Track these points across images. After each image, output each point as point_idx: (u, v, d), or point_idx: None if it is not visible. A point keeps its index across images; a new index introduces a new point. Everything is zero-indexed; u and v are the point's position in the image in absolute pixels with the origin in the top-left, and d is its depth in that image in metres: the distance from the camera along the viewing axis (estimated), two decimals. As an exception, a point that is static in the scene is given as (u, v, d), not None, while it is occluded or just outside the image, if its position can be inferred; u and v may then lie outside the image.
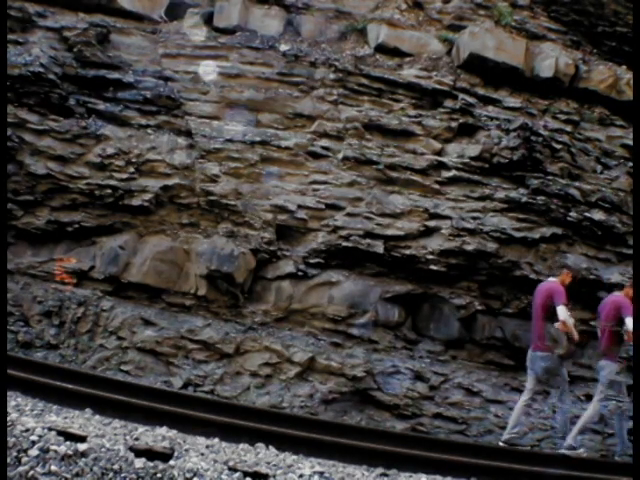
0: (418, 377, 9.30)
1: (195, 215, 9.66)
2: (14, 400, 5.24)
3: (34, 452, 3.92)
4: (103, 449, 4.10)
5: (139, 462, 4.08)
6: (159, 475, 4.03)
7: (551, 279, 8.50)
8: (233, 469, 4.41)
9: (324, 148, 10.00)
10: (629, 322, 7.94)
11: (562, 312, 7.89)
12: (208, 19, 10.73)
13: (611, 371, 8.08)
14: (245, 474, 4.36)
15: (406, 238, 9.68)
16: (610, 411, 8.13)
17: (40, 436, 4.05)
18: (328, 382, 9.05)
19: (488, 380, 9.34)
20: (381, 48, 10.59)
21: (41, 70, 9.48)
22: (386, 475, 5.38)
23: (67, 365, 8.31)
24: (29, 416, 4.79)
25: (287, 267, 9.61)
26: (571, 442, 7.82)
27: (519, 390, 8.95)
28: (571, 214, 9.96)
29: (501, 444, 7.80)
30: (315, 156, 9.99)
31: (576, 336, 8.05)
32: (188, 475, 4.13)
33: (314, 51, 10.46)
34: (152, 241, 9.51)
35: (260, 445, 5.49)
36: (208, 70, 10.11)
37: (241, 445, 5.39)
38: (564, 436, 7.98)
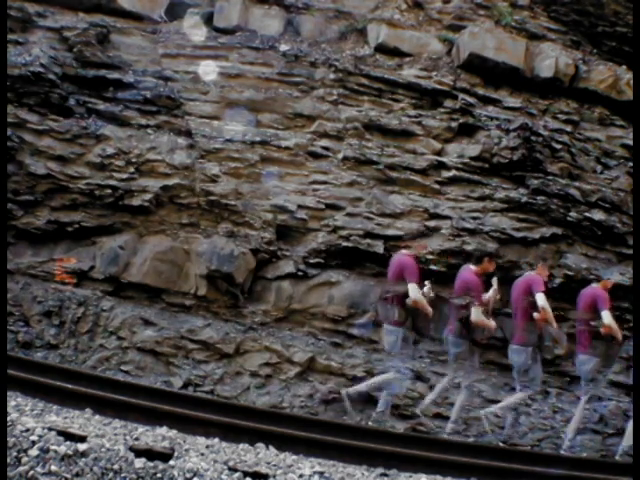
0: (418, 377, 9.28)
1: (195, 215, 9.66)
2: (14, 400, 5.23)
3: (34, 452, 3.91)
4: (103, 449, 4.10)
5: (139, 462, 4.07)
6: (159, 475, 4.03)
7: (594, 285, 8.52)
8: (233, 469, 4.41)
9: (324, 148, 10.00)
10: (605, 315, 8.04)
11: (607, 317, 7.94)
12: (208, 19, 10.75)
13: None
14: (245, 474, 4.35)
15: (406, 238, 9.67)
16: (610, 411, 8.15)
17: (40, 436, 4.05)
18: (328, 382, 9.04)
19: (488, 380, 9.33)
20: (381, 48, 10.60)
21: (41, 70, 9.48)
22: (386, 475, 5.37)
23: (67, 365, 8.30)
24: (29, 416, 4.78)
25: (287, 267, 9.61)
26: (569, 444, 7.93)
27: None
28: (571, 214, 9.96)
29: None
30: (315, 156, 9.99)
31: (620, 337, 8.10)
32: (188, 475, 4.13)
33: (314, 51, 10.46)
34: (152, 241, 9.51)
35: (260, 445, 5.48)
36: (208, 70, 10.12)
37: (241, 445, 5.38)
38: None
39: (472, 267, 8.24)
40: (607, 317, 7.99)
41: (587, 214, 10.00)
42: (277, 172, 9.84)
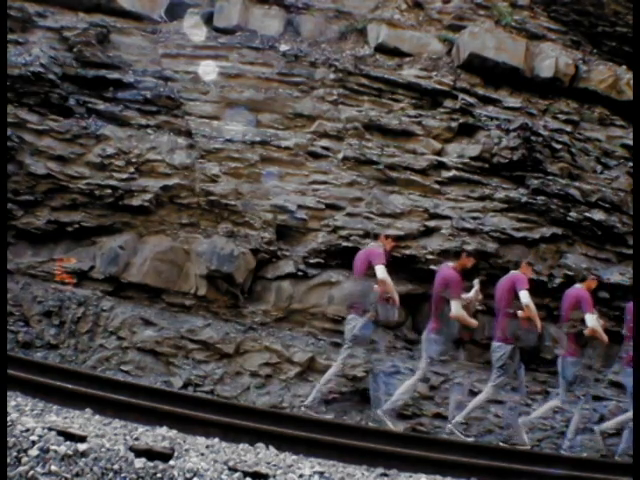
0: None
1: (195, 215, 9.66)
2: (14, 400, 5.23)
3: (34, 452, 3.91)
4: (103, 449, 4.09)
5: (139, 462, 4.07)
6: (159, 475, 4.02)
7: (577, 285, 8.52)
8: (233, 469, 4.40)
9: (324, 148, 10.00)
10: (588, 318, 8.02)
11: (590, 320, 7.91)
12: (208, 19, 10.76)
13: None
14: (245, 474, 4.35)
15: (406, 238, 9.67)
16: (610, 411, 8.15)
17: (40, 436, 4.04)
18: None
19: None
20: (381, 48, 10.60)
21: (41, 70, 9.48)
22: (386, 475, 5.36)
23: (67, 365, 8.30)
24: (29, 416, 4.78)
25: (287, 267, 9.60)
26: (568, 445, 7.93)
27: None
28: (571, 214, 9.96)
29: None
30: (315, 156, 9.99)
31: (605, 339, 8.08)
32: (188, 475, 4.12)
33: (314, 51, 10.47)
34: (152, 241, 9.51)
35: (260, 445, 5.47)
36: (208, 70, 10.13)
37: (241, 445, 5.38)
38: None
39: (450, 264, 8.30)
40: (590, 320, 7.95)
41: (587, 214, 10.00)
42: (277, 172, 9.84)
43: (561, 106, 10.60)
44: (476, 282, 8.39)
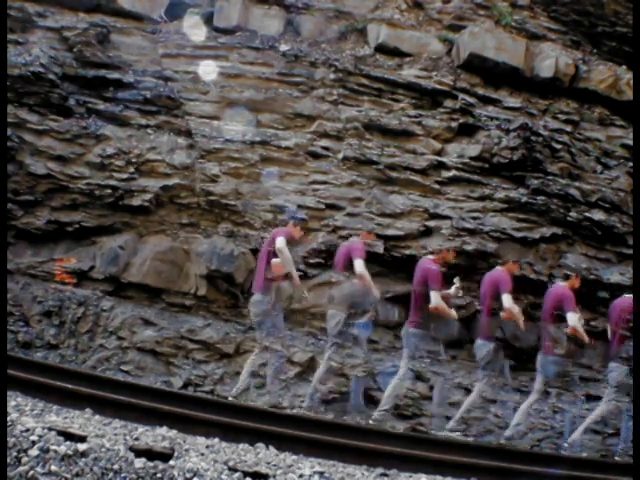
0: (418, 377, 9.26)
1: (195, 215, 9.66)
2: (14, 400, 5.22)
3: (34, 452, 3.91)
4: (103, 449, 4.09)
5: (139, 462, 4.06)
6: (159, 475, 4.02)
7: (561, 283, 8.49)
8: (233, 469, 4.40)
9: (324, 148, 10.01)
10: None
11: (572, 318, 7.90)
12: (208, 19, 10.77)
13: (620, 373, 8.09)
14: (245, 474, 4.34)
15: (406, 238, 9.68)
16: (610, 411, 8.14)
17: (40, 436, 4.04)
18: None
19: (488, 380, 9.31)
20: (381, 48, 10.61)
21: (41, 70, 9.49)
22: (386, 475, 5.36)
23: (67, 365, 8.30)
24: (29, 416, 4.78)
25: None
26: (571, 441, 7.90)
27: (519, 390, 8.95)
28: (571, 214, 9.96)
29: (502, 441, 7.83)
30: (315, 156, 9.99)
31: (586, 339, 8.07)
32: (188, 475, 4.12)
33: (314, 51, 10.47)
34: (152, 241, 9.51)
35: (260, 445, 5.47)
36: (208, 70, 10.14)
37: (241, 445, 5.37)
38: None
39: (430, 257, 8.29)
40: (572, 318, 7.86)
41: (587, 214, 10.00)
42: (277, 172, 9.84)
43: (561, 106, 10.60)
44: (457, 279, 8.38)
